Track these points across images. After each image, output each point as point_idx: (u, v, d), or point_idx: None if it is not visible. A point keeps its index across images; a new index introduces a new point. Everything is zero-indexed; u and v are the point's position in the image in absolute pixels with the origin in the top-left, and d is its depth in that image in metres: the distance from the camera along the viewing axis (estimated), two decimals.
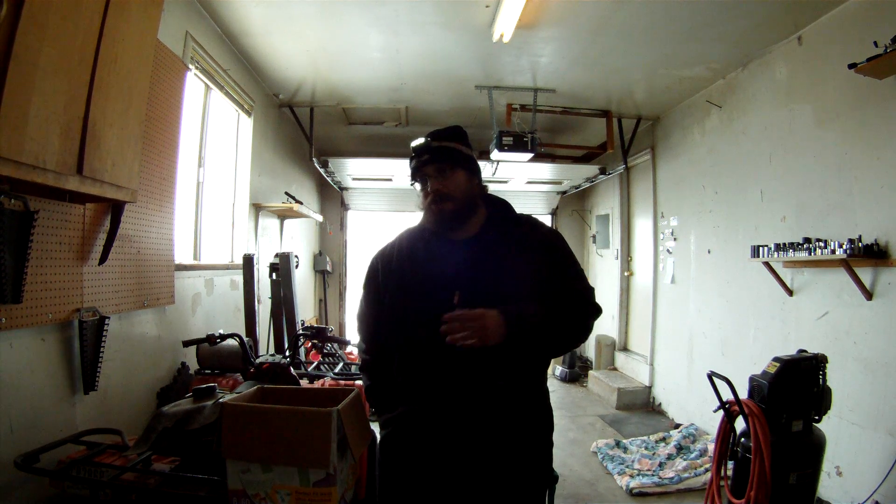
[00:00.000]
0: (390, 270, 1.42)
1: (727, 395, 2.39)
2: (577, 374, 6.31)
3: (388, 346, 1.42)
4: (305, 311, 5.65)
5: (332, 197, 6.91)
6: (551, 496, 1.49)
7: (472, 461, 1.32)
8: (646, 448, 3.82)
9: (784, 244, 3.02)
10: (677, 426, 4.27)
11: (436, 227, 1.39)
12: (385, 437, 1.43)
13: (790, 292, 3.17)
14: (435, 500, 1.35)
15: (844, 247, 2.56)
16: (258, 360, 2.10)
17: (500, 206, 1.45)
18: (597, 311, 1.39)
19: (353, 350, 5.04)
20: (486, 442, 1.31)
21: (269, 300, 3.62)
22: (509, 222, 1.43)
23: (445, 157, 1.38)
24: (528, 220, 1.47)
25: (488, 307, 1.23)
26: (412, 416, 1.37)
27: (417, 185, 1.42)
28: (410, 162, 1.42)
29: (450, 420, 1.32)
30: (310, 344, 3.07)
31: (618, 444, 3.90)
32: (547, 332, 1.29)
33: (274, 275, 3.55)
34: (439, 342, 1.24)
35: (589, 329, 1.38)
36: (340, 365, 2.97)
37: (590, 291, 1.40)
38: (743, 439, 2.30)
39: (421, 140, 1.40)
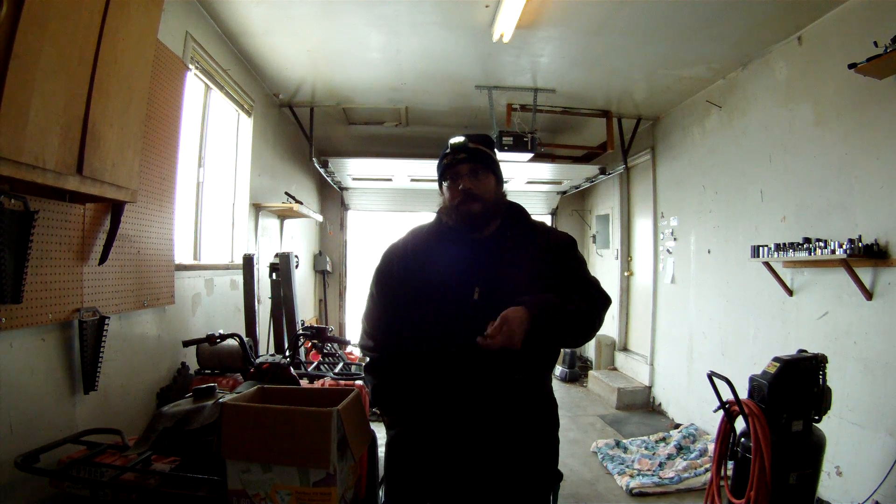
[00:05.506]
0: (406, 266, 1.42)
1: (727, 395, 2.39)
2: (577, 374, 6.31)
3: (401, 343, 1.40)
4: (305, 311, 5.65)
5: (332, 197, 6.91)
6: (555, 495, 1.49)
7: (485, 458, 1.32)
8: (646, 448, 3.82)
9: (784, 244, 3.02)
10: (677, 426, 4.27)
11: (461, 226, 1.39)
12: (395, 437, 1.43)
13: (790, 292, 3.17)
14: (446, 498, 1.35)
15: (844, 247, 2.56)
16: (258, 360, 2.10)
17: (517, 210, 1.48)
18: (607, 301, 1.39)
19: (353, 350, 5.05)
20: (500, 438, 1.32)
21: (269, 300, 3.62)
22: (525, 225, 1.45)
23: (481, 160, 1.39)
24: (544, 226, 1.52)
25: (506, 301, 1.23)
26: (426, 415, 1.36)
27: (445, 183, 1.42)
28: (443, 159, 1.42)
29: (465, 416, 1.32)
30: (310, 344, 3.07)
31: (618, 444, 3.90)
32: (565, 319, 1.27)
33: (274, 275, 3.54)
34: (458, 337, 1.25)
35: (601, 319, 1.37)
36: (340, 365, 2.97)
37: (598, 285, 1.41)
38: (743, 439, 2.30)
39: (460, 138, 1.41)
